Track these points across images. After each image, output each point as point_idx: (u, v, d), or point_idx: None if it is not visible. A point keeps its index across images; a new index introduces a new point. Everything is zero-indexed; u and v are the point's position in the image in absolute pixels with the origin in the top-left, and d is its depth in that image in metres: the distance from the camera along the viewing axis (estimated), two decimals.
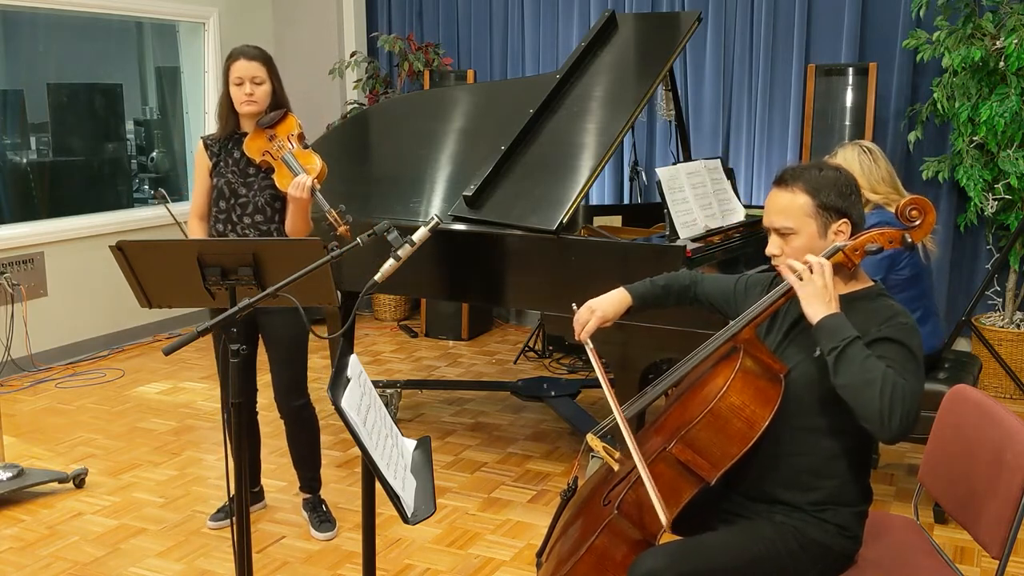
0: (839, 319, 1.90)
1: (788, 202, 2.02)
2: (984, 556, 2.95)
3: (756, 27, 5.58)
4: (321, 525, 3.39)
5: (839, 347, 1.87)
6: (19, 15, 5.72)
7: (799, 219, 2.01)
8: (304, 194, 3.08)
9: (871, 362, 1.85)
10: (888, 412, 1.80)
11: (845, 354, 1.86)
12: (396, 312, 6.60)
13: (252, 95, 3.14)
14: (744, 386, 1.95)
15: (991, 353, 4.69)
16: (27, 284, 5.28)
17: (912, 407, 1.82)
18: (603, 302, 2.32)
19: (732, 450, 1.94)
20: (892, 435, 1.83)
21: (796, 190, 2.02)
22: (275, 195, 3.20)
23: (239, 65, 3.14)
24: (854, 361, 1.85)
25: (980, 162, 4.70)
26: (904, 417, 1.81)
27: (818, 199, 2.00)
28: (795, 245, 2.03)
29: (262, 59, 3.17)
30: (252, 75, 3.14)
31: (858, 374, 1.84)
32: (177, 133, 6.67)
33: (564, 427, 4.42)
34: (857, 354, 1.85)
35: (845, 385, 1.86)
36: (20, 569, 3.17)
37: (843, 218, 2.01)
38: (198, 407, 4.78)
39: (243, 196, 3.18)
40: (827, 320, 1.90)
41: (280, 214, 3.22)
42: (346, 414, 1.78)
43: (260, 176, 3.18)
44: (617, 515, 2.02)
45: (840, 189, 2.02)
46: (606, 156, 3.68)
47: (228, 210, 3.19)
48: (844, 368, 1.86)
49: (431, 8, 6.63)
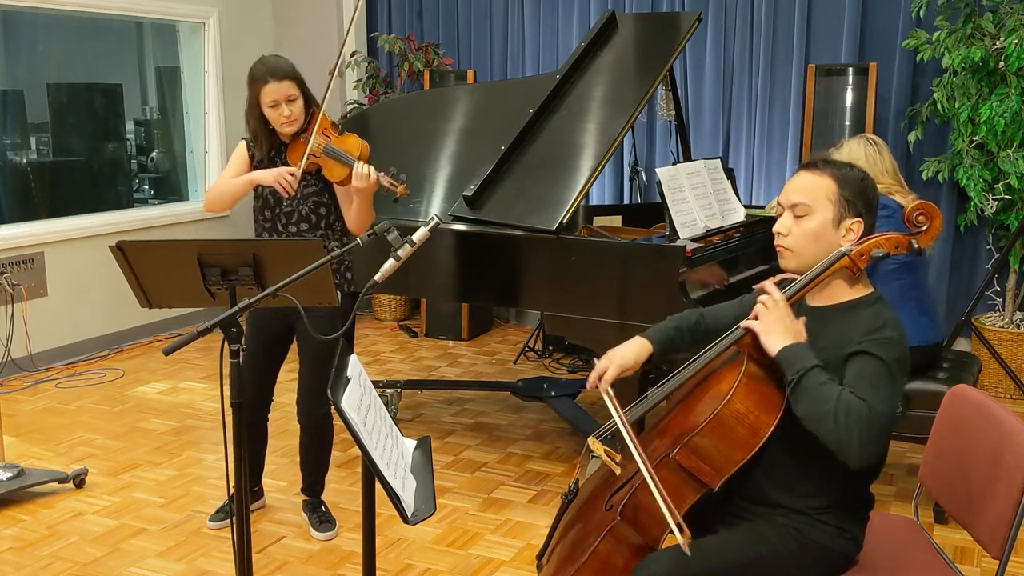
0: (795, 349, 1.90)
1: (812, 182, 2.01)
2: (984, 556, 2.95)
3: (756, 27, 5.58)
4: (321, 525, 3.39)
5: (794, 379, 1.87)
6: (19, 15, 5.72)
7: (819, 200, 2.00)
8: (370, 183, 3.03)
9: (826, 390, 1.83)
10: (846, 439, 1.80)
11: (800, 385, 1.86)
12: (396, 312, 6.60)
13: (291, 116, 3.07)
14: (748, 392, 1.94)
15: (991, 353, 4.69)
16: (27, 284, 5.28)
17: (872, 430, 1.80)
18: (621, 351, 2.25)
19: (736, 456, 1.94)
20: (856, 461, 1.81)
21: (824, 175, 2.01)
22: (318, 202, 3.16)
23: (271, 88, 3.03)
24: (809, 391, 1.85)
25: (980, 162, 4.71)
26: (864, 443, 1.79)
27: (843, 189, 1.99)
28: (806, 227, 2.01)
29: (291, 75, 3.07)
30: (287, 95, 3.05)
31: (813, 405, 1.84)
32: (177, 133, 6.67)
33: (564, 427, 4.42)
34: (811, 384, 1.85)
35: (803, 416, 1.86)
36: (20, 569, 3.17)
37: (858, 218, 2.00)
38: (198, 407, 4.78)
39: (287, 206, 3.15)
40: (783, 352, 1.90)
41: (326, 220, 3.18)
42: (346, 414, 1.78)
43: (303, 185, 3.13)
44: (620, 520, 2.02)
45: (864, 191, 2.01)
46: (606, 156, 3.68)
47: (273, 219, 3.17)
48: (800, 399, 1.86)
49: (431, 8, 6.63)
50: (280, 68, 3.07)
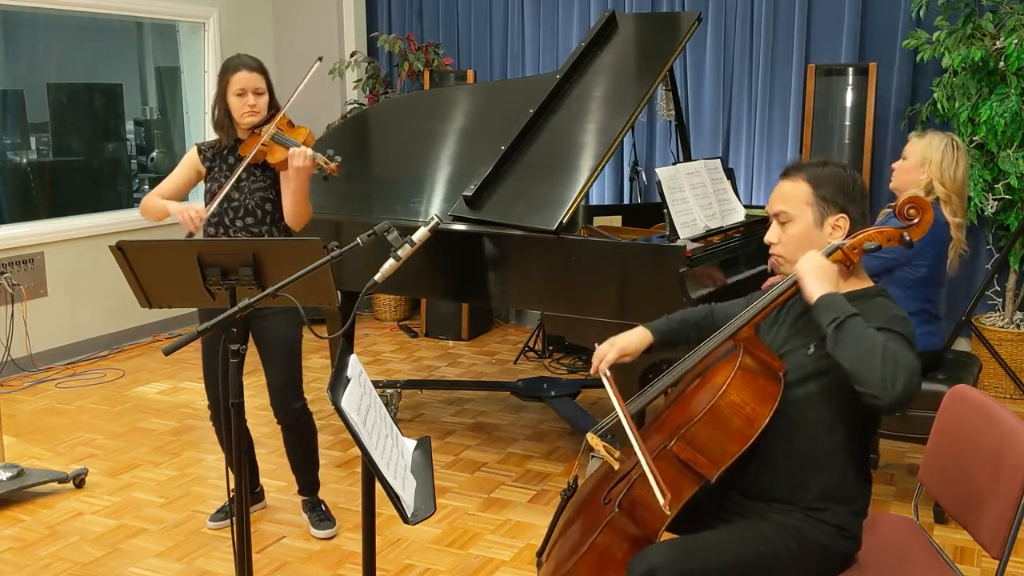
0: (838, 297, 1.90)
1: (789, 189, 2.08)
2: (984, 556, 2.95)
3: (756, 27, 5.58)
4: (321, 524, 3.40)
5: (839, 318, 1.84)
6: (19, 15, 5.72)
7: (797, 206, 2.05)
8: (306, 163, 3.10)
9: (871, 332, 1.82)
10: (892, 376, 1.76)
11: (844, 326, 1.83)
12: (396, 312, 6.60)
13: (255, 106, 3.17)
14: (744, 384, 1.96)
15: (991, 353, 4.69)
16: (27, 284, 5.28)
17: (913, 376, 1.78)
18: (623, 337, 2.31)
19: (732, 448, 1.95)
20: (893, 399, 1.77)
21: (798, 180, 2.07)
22: (265, 197, 3.21)
23: (241, 76, 3.16)
24: (854, 330, 1.83)
25: (980, 162, 4.70)
26: (907, 383, 1.77)
27: (817, 190, 2.04)
28: (791, 232, 2.06)
29: (262, 70, 3.21)
30: (254, 86, 3.17)
31: (859, 342, 1.81)
32: (177, 133, 6.67)
33: (564, 427, 4.42)
34: (857, 325, 1.83)
35: (846, 354, 1.82)
36: (20, 569, 3.17)
37: (841, 213, 2.03)
38: (198, 407, 4.78)
39: (235, 200, 3.19)
40: (825, 298, 1.90)
41: (271, 216, 3.22)
42: (346, 414, 1.78)
43: (251, 180, 3.20)
44: (618, 513, 2.03)
45: (841, 185, 2.04)
46: (606, 156, 3.68)
47: (220, 213, 3.20)
48: (844, 338, 1.83)
49: (431, 8, 6.63)
50: (254, 62, 3.22)
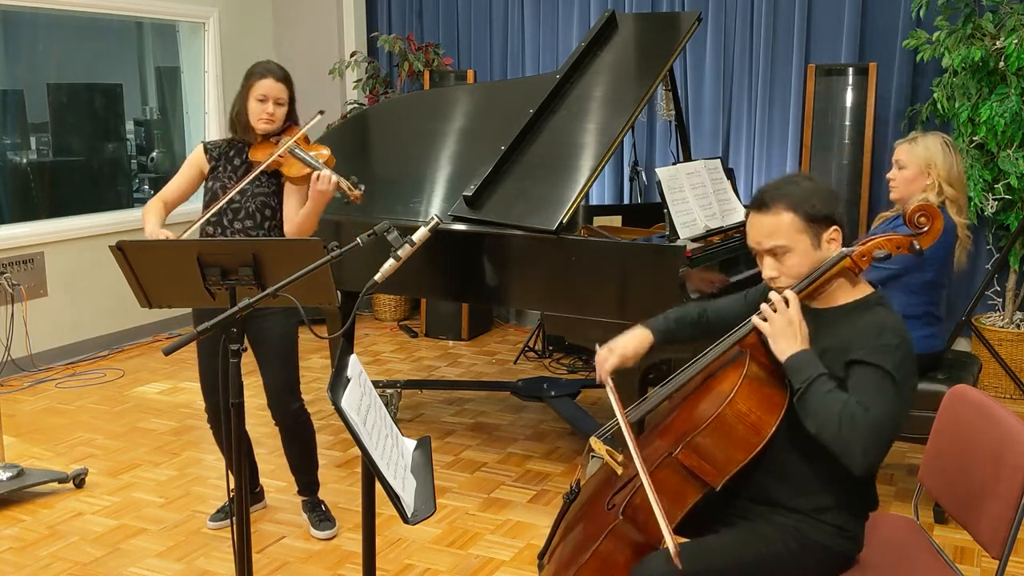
0: (803, 357, 1.92)
1: (773, 223, 1.97)
2: (984, 556, 2.95)
3: (756, 27, 5.58)
4: (321, 524, 3.39)
5: (801, 388, 1.90)
6: (19, 15, 5.72)
7: (789, 236, 1.97)
8: (330, 187, 3.11)
9: (831, 398, 1.87)
10: (848, 447, 1.84)
11: (807, 394, 1.89)
12: (396, 312, 6.60)
13: (272, 115, 3.16)
14: (751, 392, 1.95)
15: (991, 353, 4.69)
16: (27, 284, 5.28)
17: (874, 438, 1.83)
18: (621, 340, 2.26)
19: (738, 456, 1.94)
20: (860, 469, 1.85)
21: (778, 209, 1.97)
22: (266, 202, 3.20)
23: (266, 83, 3.15)
24: (815, 400, 1.88)
25: (980, 162, 4.70)
26: (866, 450, 1.83)
27: (803, 212, 1.96)
28: (791, 263, 1.99)
29: (287, 81, 3.20)
30: (276, 96, 3.16)
31: (818, 414, 1.87)
32: (177, 133, 6.68)
33: (564, 427, 4.42)
34: (817, 392, 1.88)
35: (809, 423, 1.90)
36: (20, 569, 3.17)
37: (833, 225, 1.99)
38: (198, 407, 4.75)
39: (235, 202, 3.17)
40: (792, 360, 1.93)
41: (270, 221, 3.21)
42: (346, 414, 1.78)
43: (255, 183, 3.18)
44: (622, 520, 2.02)
45: (821, 196, 1.99)
46: (606, 156, 3.68)
47: (219, 214, 3.19)
48: (806, 408, 1.90)
49: (431, 8, 6.63)
50: (281, 72, 3.20)
